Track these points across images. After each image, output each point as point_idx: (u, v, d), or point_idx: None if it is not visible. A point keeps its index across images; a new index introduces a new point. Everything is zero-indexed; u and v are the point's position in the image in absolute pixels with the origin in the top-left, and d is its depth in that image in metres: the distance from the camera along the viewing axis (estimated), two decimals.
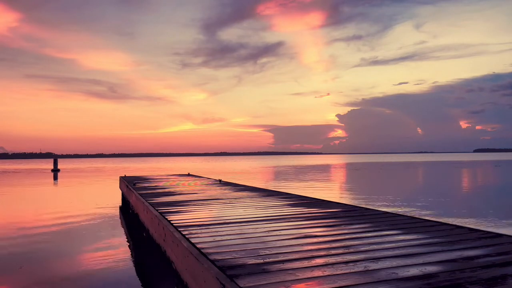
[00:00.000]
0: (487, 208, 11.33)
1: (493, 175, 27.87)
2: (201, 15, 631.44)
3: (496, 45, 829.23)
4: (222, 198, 6.69)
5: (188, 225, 4.07)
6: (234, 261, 2.65)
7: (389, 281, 2.18)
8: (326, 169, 39.44)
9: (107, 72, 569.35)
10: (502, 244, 3.02)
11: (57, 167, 40.48)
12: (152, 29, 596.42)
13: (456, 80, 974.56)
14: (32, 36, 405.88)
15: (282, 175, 29.62)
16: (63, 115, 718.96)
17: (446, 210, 10.81)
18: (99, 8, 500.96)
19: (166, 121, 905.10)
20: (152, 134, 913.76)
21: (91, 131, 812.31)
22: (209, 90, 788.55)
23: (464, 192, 17.01)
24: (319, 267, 2.48)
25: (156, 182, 10.94)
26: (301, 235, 3.51)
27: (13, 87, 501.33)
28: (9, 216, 11.37)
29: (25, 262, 6.06)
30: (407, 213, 6.61)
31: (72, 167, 56.36)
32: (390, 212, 4.84)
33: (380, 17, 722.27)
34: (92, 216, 10.54)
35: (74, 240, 7.85)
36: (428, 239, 3.27)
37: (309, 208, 5.29)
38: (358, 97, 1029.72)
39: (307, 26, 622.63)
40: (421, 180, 25.61)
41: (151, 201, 6.25)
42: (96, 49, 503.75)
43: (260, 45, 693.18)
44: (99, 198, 15.82)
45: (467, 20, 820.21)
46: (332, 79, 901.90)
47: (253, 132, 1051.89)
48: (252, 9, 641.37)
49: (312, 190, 16.61)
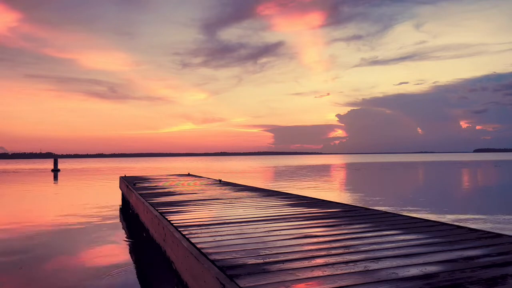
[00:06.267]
0: (487, 208, 11.33)
1: (493, 175, 27.86)
2: (201, 15, 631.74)
3: (496, 45, 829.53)
4: (222, 198, 6.69)
5: (188, 225, 4.07)
6: (234, 261, 2.65)
7: (389, 281, 2.18)
8: (326, 169, 39.43)
9: (107, 72, 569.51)
10: (502, 244, 3.02)
11: (57, 167, 40.47)
12: (152, 29, 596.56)
13: (457, 80, 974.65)
14: (32, 36, 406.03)
15: (282, 175, 29.62)
16: (63, 115, 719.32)
17: (446, 210, 10.81)
18: (99, 8, 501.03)
19: (166, 121, 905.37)
20: (152, 134, 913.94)
21: (91, 131, 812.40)
22: (209, 90, 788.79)
23: (464, 192, 17.00)
24: (319, 267, 2.48)
25: (156, 182, 10.94)
26: (301, 235, 3.51)
27: (13, 87, 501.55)
28: (9, 216, 11.36)
29: (25, 262, 6.06)
30: (407, 213, 6.61)
31: (72, 167, 56.35)
32: (390, 212, 4.84)
33: (380, 17, 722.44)
34: (92, 216, 10.54)
35: (74, 240, 7.84)
36: (428, 239, 3.27)
37: (309, 208, 5.29)
38: (358, 97, 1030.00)
39: (307, 26, 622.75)
40: (421, 180, 25.60)
41: (151, 201, 6.24)
42: (96, 49, 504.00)
43: (260, 45, 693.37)
44: (99, 198, 15.82)
45: (467, 20, 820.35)
46: (332, 79, 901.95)
47: (253, 132, 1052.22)
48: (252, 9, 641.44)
49: (312, 190, 16.61)
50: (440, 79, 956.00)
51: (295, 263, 2.57)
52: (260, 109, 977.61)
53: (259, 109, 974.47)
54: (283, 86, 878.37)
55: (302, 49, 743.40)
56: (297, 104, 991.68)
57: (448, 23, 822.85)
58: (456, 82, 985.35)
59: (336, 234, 3.54)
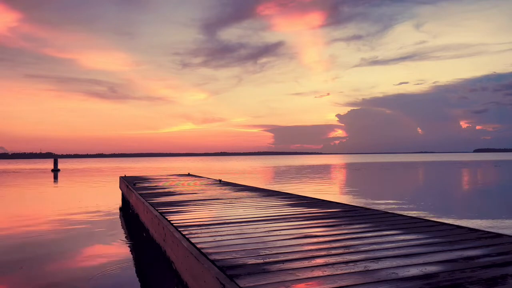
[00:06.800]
0: (487, 208, 11.33)
1: (493, 175, 27.86)
2: (201, 15, 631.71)
3: (496, 45, 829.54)
4: (222, 198, 6.69)
5: (188, 225, 4.07)
6: (234, 261, 2.65)
7: (389, 281, 2.18)
8: (326, 169, 39.43)
9: (107, 72, 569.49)
10: (502, 244, 3.02)
11: (57, 167, 40.48)
12: (152, 29, 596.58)
13: (457, 80, 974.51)
14: (32, 36, 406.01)
15: (282, 175, 29.62)
16: (63, 115, 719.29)
17: (446, 210, 10.81)
18: (99, 8, 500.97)
19: (166, 121, 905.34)
20: (152, 134, 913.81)
21: (91, 131, 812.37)
22: (209, 90, 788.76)
23: (464, 192, 17.00)
24: (319, 267, 2.48)
25: (156, 182, 10.94)
26: (301, 235, 3.51)
27: (13, 87, 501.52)
28: (9, 216, 11.36)
29: (25, 262, 6.06)
30: (407, 213, 6.61)
31: (72, 167, 56.35)
32: (390, 212, 4.84)
33: (380, 17, 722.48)
34: (92, 216, 10.54)
35: (74, 240, 7.84)
36: (428, 239, 3.27)
37: (309, 208, 5.29)
38: (358, 97, 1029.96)
39: (307, 26, 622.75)
40: (421, 180, 25.60)
41: (151, 201, 6.25)
42: (96, 49, 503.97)
43: (260, 45, 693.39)
44: (99, 198, 15.82)
45: (467, 20, 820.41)
46: (332, 79, 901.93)
47: (253, 132, 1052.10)
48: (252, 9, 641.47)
49: (312, 190, 16.61)
50: (440, 79, 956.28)
51: (295, 263, 2.57)
52: (260, 109, 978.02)
53: (259, 109, 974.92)
54: (283, 86, 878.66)
55: (302, 49, 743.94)
56: (297, 104, 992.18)
57: (448, 23, 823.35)
58: (456, 82, 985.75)
59: (336, 234, 3.54)
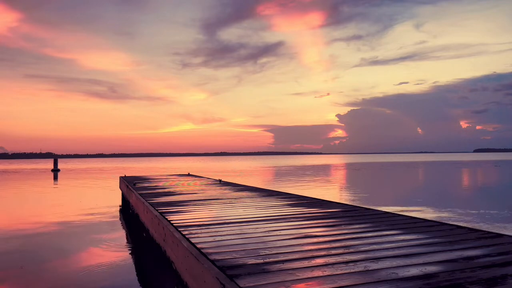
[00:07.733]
0: (487, 208, 11.32)
1: (493, 175, 27.86)
2: (201, 15, 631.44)
3: (496, 45, 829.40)
4: (222, 198, 6.69)
5: (188, 225, 4.07)
6: (234, 261, 2.65)
7: (389, 281, 2.18)
8: (326, 169, 39.43)
9: (107, 72, 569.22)
10: (502, 244, 3.02)
11: (57, 167, 40.47)
12: (152, 29, 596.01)
13: (457, 80, 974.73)
14: (32, 36, 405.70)
15: (282, 175, 29.62)
16: (63, 115, 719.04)
17: (446, 210, 10.81)
18: (99, 8, 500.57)
19: (166, 121, 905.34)
20: (152, 134, 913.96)
21: (91, 131, 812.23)
22: (209, 90, 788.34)
23: (464, 192, 17.00)
24: (319, 267, 2.48)
25: (156, 182, 10.94)
26: (301, 235, 3.51)
27: (13, 87, 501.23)
28: (9, 216, 11.37)
29: (25, 262, 6.06)
30: (407, 213, 6.61)
31: (72, 167, 56.35)
32: (390, 212, 4.84)
33: (380, 17, 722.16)
34: (92, 216, 10.54)
35: (74, 240, 7.84)
36: (428, 239, 3.27)
37: (309, 208, 5.29)
38: (358, 97, 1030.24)
39: (307, 26, 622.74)
40: (421, 180, 25.60)
41: (151, 201, 6.25)
42: (96, 49, 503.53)
43: (260, 45, 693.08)
44: (99, 198, 15.82)
45: (467, 20, 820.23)
46: (332, 79, 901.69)
47: (253, 132, 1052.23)
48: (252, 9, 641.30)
49: (312, 190, 16.61)
50: (440, 79, 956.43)
51: (295, 263, 2.57)
52: (260, 109, 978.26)
53: (259, 109, 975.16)
54: (283, 86, 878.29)
55: (302, 49, 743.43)
56: (297, 104, 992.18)
57: (448, 23, 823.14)
58: (456, 82, 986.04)
59: (336, 234, 3.54)
